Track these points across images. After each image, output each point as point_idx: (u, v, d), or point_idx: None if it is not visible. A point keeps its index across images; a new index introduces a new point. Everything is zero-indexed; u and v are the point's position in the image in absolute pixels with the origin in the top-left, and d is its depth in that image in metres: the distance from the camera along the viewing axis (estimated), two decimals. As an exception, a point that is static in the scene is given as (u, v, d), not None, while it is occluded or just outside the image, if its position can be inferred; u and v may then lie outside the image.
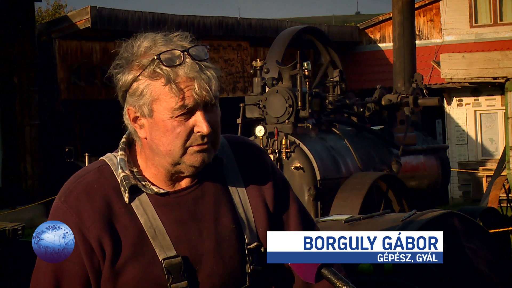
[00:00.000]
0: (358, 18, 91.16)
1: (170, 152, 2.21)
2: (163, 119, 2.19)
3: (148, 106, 2.20)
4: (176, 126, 2.19)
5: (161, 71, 2.17)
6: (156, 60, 2.18)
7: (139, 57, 2.21)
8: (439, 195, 11.45)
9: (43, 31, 18.72)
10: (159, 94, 2.18)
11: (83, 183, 2.28)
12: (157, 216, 2.25)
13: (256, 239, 2.31)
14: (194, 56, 2.19)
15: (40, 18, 34.46)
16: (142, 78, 2.20)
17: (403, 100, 10.52)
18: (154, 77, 2.18)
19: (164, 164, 2.25)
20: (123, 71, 2.24)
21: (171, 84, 2.17)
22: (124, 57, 2.24)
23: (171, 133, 2.20)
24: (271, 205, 2.35)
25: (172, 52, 2.19)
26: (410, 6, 11.58)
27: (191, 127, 2.20)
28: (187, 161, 2.23)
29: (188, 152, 2.21)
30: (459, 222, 4.26)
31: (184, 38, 2.23)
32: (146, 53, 2.21)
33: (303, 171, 9.12)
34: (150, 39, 2.23)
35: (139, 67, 2.20)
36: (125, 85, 2.23)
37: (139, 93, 2.20)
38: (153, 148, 2.24)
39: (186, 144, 2.21)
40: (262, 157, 2.42)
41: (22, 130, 17.75)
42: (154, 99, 2.19)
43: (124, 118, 2.29)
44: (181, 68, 2.17)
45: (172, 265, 2.22)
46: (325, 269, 2.06)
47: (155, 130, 2.21)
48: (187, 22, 19.80)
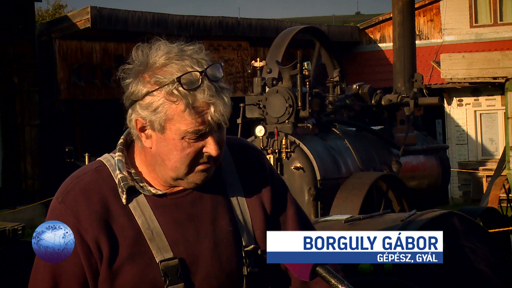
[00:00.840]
0: (358, 18, 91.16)
1: (176, 169, 2.22)
2: (174, 138, 2.19)
3: (160, 123, 2.18)
4: (186, 147, 2.19)
5: (179, 93, 2.15)
6: (176, 82, 2.15)
7: (154, 71, 2.18)
8: (439, 195, 11.46)
9: (43, 31, 18.72)
10: (174, 114, 2.17)
11: (81, 183, 2.28)
12: (154, 218, 2.25)
13: (253, 241, 2.31)
14: (210, 77, 2.17)
15: (41, 18, 34.46)
16: (157, 95, 2.17)
17: (403, 100, 10.52)
18: (172, 98, 2.16)
19: (165, 175, 2.25)
20: (135, 79, 2.21)
21: (190, 108, 2.15)
22: (136, 65, 2.22)
23: (180, 152, 2.20)
24: (268, 207, 2.35)
25: (192, 74, 2.16)
26: (410, 6, 11.58)
27: (201, 147, 2.20)
28: (190, 178, 2.23)
29: (193, 171, 2.22)
30: (459, 222, 4.26)
31: (199, 52, 2.21)
32: (162, 68, 2.18)
33: (303, 171, 9.12)
34: (165, 53, 2.20)
35: (155, 83, 2.18)
36: (137, 96, 2.20)
37: (152, 108, 2.18)
38: (157, 160, 2.23)
39: (193, 163, 2.21)
40: (260, 159, 2.42)
41: (22, 130, 17.75)
42: (169, 118, 2.17)
43: (128, 122, 2.26)
44: (199, 91, 2.16)
45: (169, 267, 2.22)
46: (320, 267, 2.06)
47: (163, 146, 2.21)
48: (187, 22, 19.79)
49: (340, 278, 2.05)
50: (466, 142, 21.88)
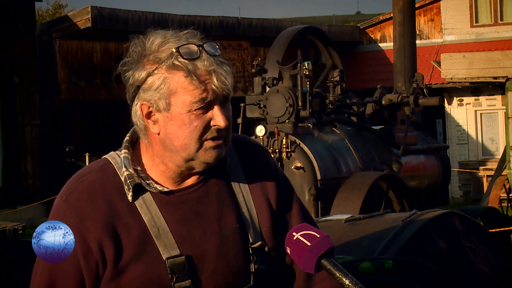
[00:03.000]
0: (358, 18, 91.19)
1: (186, 146, 2.20)
2: (181, 112, 2.18)
3: (165, 100, 2.19)
4: (194, 120, 2.19)
5: (180, 63, 2.17)
6: (175, 53, 2.17)
7: (153, 52, 2.20)
8: (439, 195, 11.46)
9: (43, 31, 18.72)
10: (177, 87, 2.18)
11: (85, 182, 2.27)
12: (160, 215, 2.24)
13: (260, 238, 2.30)
14: (208, 51, 2.20)
15: (41, 18, 34.47)
16: (158, 72, 2.19)
17: (403, 100, 10.52)
18: (173, 70, 2.18)
19: (176, 160, 2.24)
20: (135, 67, 2.22)
21: (192, 76, 2.17)
22: (135, 53, 2.23)
23: (188, 126, 2.19)
24: (274, 204, 2.35)
25: (189, 46, 2.19)
26: (411, 6, 11.58)
27: (208, 120, 2.20)
28: (201, 157, 2.22)
29: (203, 147, 2.21)
30: (459, 222, 4.25)
31: (193, 36, 2.24)
32: (160, 48, 2.20)
33: (303, 171, 9.12)
34: (161, 35, 2.23)
35: (155, 62, 2.19)
36: (138, 81, 2.21)
37: (155, 87, 2.19)
38: (166, 144, 2.22)
39: (202, 138, 2.20)
40: (265, 157, 2.42)
41: (23, 130, 17.75)
42: (172, 92, 2.18)
43: (133, 116, 2.26)
44: (199, 61, 2.17)
45: (176, 264, 2.21)
46: (325, 260, 2.06)
47: (170, 125, 2.20)
48: (187, 22, 19.80)
49: (345, 271, 2.05)
50: (466, 142, 21.88)
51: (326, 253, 2.06)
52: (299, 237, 2.09)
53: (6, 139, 17.69)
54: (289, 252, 2.12)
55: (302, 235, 2.10)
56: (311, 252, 2.06)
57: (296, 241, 2.09)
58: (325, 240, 2.08)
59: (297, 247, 2.09)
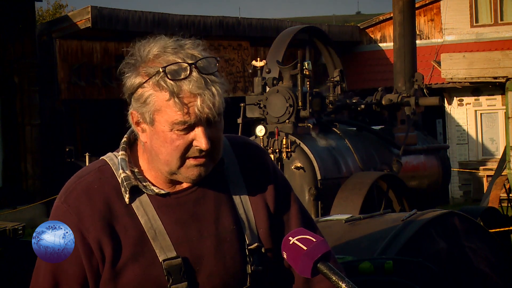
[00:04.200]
0: (358, 18, 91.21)
1: (168, 163, 2.21)
2: (163, 130, 2.18)
3: (150, 115, 2.19)
4: (175, 139, 2.18)
5: (165, 84, 2.15)
6: (161, 72, 2.16)
7: (146, 63, 2.19)
8: (439, 195, 11.45)
9: (43, 31, 18.72)
10: (161, 105, 2.17)
11: (84, 183, 2.27)
12: (157, 217, 2.24)
13: (256, 240, 2.30)
14: (201, 69, 2.17)
15: (41, 18, 34.47)
16: (147, 86, 2.18)
17: (403, 100, 10.52)
18: (158, 88, 2.17)
19: (162, 171, 2.25)
20: (131, 72, 2.22)
21: (174, 98, 2.15)
22: (134, 58, 2.23)
23: (170, 145, 2.19)
24: (272, 205, 2.34)
25: (179, 65, 2.16)
26: (411, 6, 11.58)
27: (191, 140, 2.19)
28: (184, 173, 2.22)
29: (185, 165, 2.21)
30: (459, 221, 4.25)
31: (196, 46, 2.22)
32: (154, 60, 2.19)
33: (303, 171, 9.12)
34: (160, 45, 2.21)
35: (146, 74, 2.19)
36: (131, 89, 2.22)
37: (143, 100, 2.19)
38: (153, 154, 2.24)
39: (185, 156, 2.20)
40: (263, 158, 2.41)
41: (23, 130, 17.75)
42: (157, 110, 2.18)
43: (129, 118, 2.28)
44: (185, 82, 2.15)
45: (172, 266, 2.21)
46: (321, 264, 2.06)
47: (155, 139, 2.21)
48: (187, 22, 19.79)
49: (341, 275, 2.05)
50: (466, 142, 21.88)
51: (322, 257, 2.06)
52: (295, 242, 2.09)
53: (6, 139, 17.69)
54: (286, 257, 2.12)
55: (298, 240, 2.10)
56: (307, 256, 2.06)
57: (292, 246, 2.09)
58: (321, 244, 2.08)
59: (293, 251, 2.09)
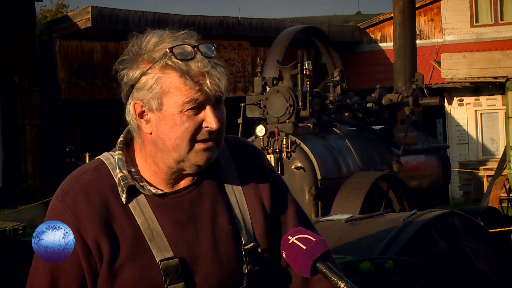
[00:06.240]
0: (358, 17, 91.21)
1: (177, 147, 2.20)
2: (172, 113, 2.18)
3: (157, 100, 2.19)
4: (185, 121, 2.18)
5: (173, 64, 2.17)
6: (168, 54, 2.17)
7: (148, 52, 2.20)
8: (439, 194, 11.46)
9: (43, 30, 18.72)
10: (170, 87, 2.18)
11: (81, 183, 2.27)
12: (154, 217, 2.24)
13: (253, 240, 2.30)
14: (203, 53, 2.20)
15: (43, 17, 34.49)
16: (152, 72, 2.19)
17: (403, 99, 10.52)
18: (166, 70, 2.18)
19: (167, 161, 2.23)
20: (130, 66, 2.22)
21: (185, 76, 2.16)
22: (131, 52, 2.23)
23: (179, 127, 2.19)
24: (268, 206, 2.34)
25: (184, 47, 2.19)
26: (411, 6, 11.58)
27: (200, 122, 2.19)
28: (192, 159, 2.21)
29: (194, 149, 2.20)
30: (459, 221, 4.26)
31: (191, 37, 2.24)
32: (155, 47, 2.20)
33: (303, 171, 9.12)
34: (158, 35, 2.23)
35: (149, 61, 2.19)
36: (132, 80, 2.21)
37: (148, 86, 2.19)
38: (158, 144, 2.22)
39: (194, 140, 2.20)
40: (259, 158, 2.41)
41: (23, 130, 17.75)
42: (165, 92, 2.18)
43: (127, 115, 2.26)
44: (193, 62, 2.17)
45: (169, 266, 2.21)
46: (320, 263, 2.06)
47: (162, 125, 2.20)
48: (187, 22, 19.79)
49: (340, 274, 2.05)
50: (466, 142, 21.88)
51: (322, 257, 2.06)
52: (294, 241, 2.09)
53: (6, 139, 17.69)
54: (285, 256, 2.12)
55: (297, 239, 2.10)
56: (307, 255, 2.06)
57: (292, 245, 2.09)
58: (321, 244, 2.08)
59: (292, 251, 2.09)
